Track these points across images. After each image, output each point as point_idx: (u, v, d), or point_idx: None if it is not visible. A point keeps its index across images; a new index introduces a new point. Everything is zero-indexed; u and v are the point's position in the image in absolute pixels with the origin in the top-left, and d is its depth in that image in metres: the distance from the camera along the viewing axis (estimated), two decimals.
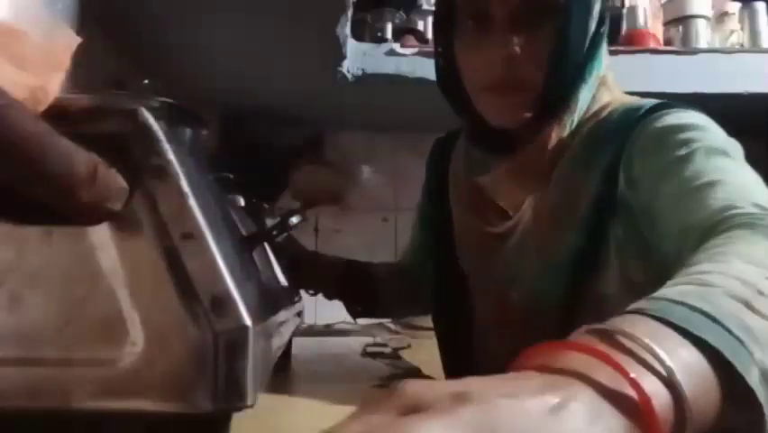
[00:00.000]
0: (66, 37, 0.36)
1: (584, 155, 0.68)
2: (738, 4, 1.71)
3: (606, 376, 0.25)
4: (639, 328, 0.28)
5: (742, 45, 1.67)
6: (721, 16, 1.69)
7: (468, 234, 0.80)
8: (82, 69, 0.39)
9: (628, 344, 0.27)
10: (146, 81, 0.42)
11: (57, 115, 0.32)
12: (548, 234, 0.68)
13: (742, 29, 1.69)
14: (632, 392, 0.25)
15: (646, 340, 0.27)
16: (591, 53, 0.69)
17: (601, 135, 0.67)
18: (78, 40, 0.36)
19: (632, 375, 0.25)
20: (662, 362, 0.26)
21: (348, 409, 0.24)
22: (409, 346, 1.04)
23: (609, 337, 0.28)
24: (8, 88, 0.29)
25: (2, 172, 0.30)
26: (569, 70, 0.67)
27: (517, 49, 0.65)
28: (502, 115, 0.69)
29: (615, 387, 0.25)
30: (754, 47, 1.65)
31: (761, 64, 1.56)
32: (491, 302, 0.76)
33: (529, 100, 0.67)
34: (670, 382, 0.26)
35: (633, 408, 0.25)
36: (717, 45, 1.64)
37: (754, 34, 1.67)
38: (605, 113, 0.70)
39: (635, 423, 0.24)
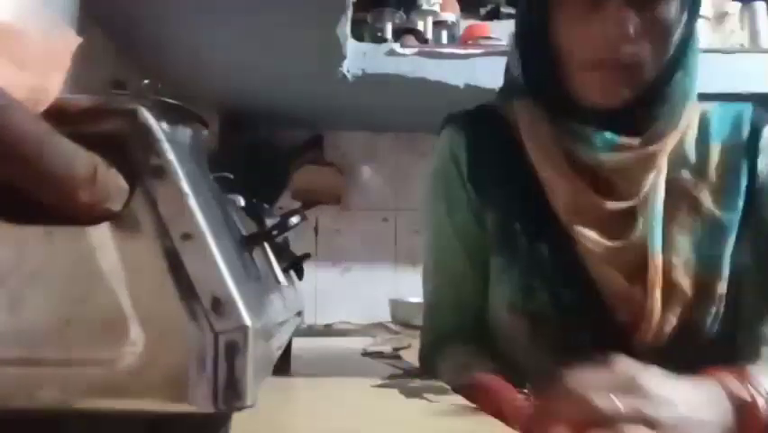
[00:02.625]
0: (66, 37, 0.36)
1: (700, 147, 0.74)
2: (738, 4, 1.71)
3: (735, 386, 0.52)
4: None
5: (742, 45, 1.66)
6: (721, 16, 1.69)
7: (582, 206, 0.71)
8: (82, 69, 0.39)
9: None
10: (146, 81, 0.42)
11: (57, 115, 0.32)
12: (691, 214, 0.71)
13: (742, 29, 1.69)
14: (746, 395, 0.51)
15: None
16: (692, 35, 0.70)
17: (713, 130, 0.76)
18: (78, 40, 0.36)
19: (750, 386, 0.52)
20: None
21: (348, 409, 0.24)
22: (409, 346, 1.04)
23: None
24: (8, 88, 0.28)
25: (1, 172, 0.30)
26: (683, 52, 0.68)
27: (632, 28, 0.62)
28: (604, 94, 0.67)
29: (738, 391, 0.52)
30: (754, 47, 1.65)
31: (761, 64, 1.56)
32: (626, 271, 0.69)
33: (633, 80, 0.66)
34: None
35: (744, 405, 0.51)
36: (716, 45, 1.63)
37: (753, 34, 1.67)
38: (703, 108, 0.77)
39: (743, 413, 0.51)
